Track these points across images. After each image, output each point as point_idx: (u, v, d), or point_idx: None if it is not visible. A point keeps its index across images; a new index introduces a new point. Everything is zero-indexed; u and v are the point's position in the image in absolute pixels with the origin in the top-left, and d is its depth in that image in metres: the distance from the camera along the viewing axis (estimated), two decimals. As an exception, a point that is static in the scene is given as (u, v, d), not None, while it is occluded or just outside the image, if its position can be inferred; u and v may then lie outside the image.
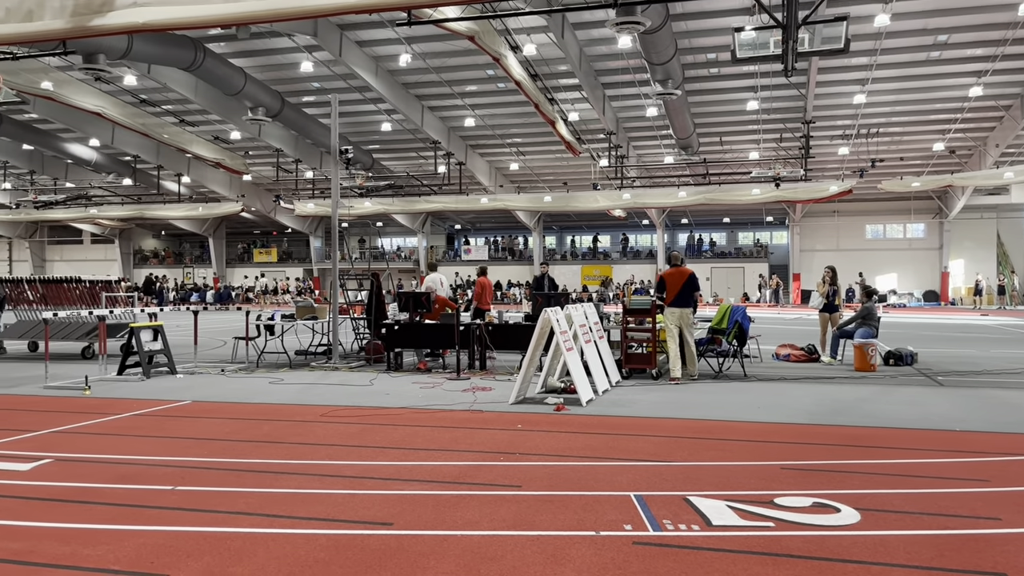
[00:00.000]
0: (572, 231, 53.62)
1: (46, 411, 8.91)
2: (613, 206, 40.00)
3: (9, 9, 9.37)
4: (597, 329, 10.91)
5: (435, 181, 38.74)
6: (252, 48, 26.29)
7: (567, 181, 40.62)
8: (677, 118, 29.59)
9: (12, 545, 4.39)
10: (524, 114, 31.42)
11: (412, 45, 25.28)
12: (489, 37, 21.50)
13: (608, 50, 25.96)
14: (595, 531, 4.61)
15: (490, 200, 40.61)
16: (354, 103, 30.63)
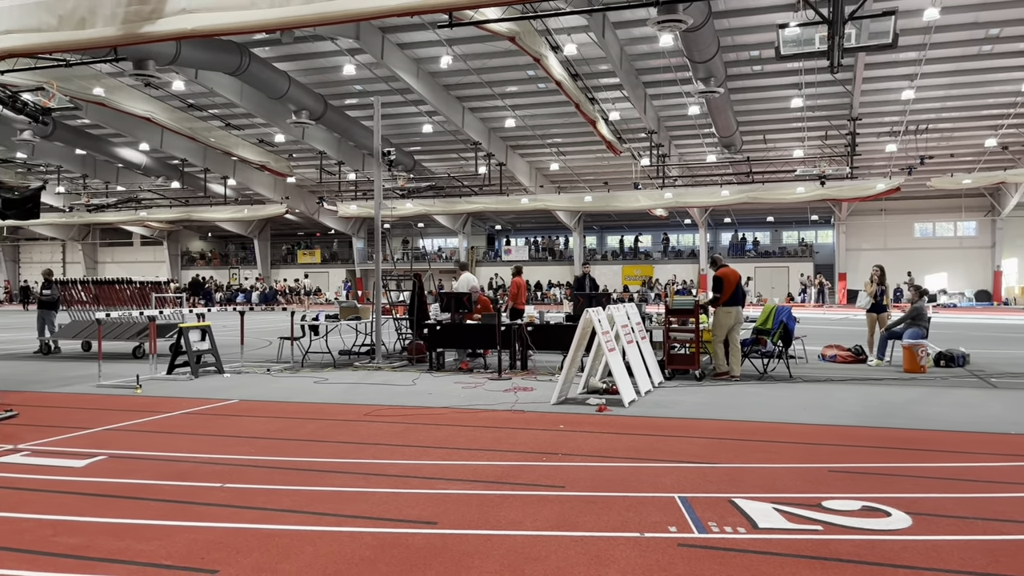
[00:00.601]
0: (613, 231, 53.38)
1: (99, 409, 9.14)
2: (655, 205, 39.73)
3: (62, 17, 9.62)
4: (639, 329, 10.85)
5: (476, 182, 38.87)
6: (296, 52, 26.63)
7: (608, 181, 40.44)
8: (720, 116, 29.28)
9: (69, 540, 4.52)
10: (565, 114, 31.35)
11: (453, 47, 25.39)
12: (530, 37, 21.51)
13: (649, 49, 25.79)
14: (639, 532, 4.59)
15: (530, 200, 40.62)
16: (396, 105, 30.87)
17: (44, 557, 4.25)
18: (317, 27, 17.92)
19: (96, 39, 9.63)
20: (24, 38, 9.70)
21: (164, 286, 16.31)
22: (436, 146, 37.25)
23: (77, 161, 40.35)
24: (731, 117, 30.06)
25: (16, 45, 9.75)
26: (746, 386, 10.71)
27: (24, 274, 57.18)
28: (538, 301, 44.03)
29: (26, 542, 4.48)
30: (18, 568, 4.10)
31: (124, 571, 4.05)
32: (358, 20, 9.61)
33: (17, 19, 9.64)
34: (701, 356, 11.43)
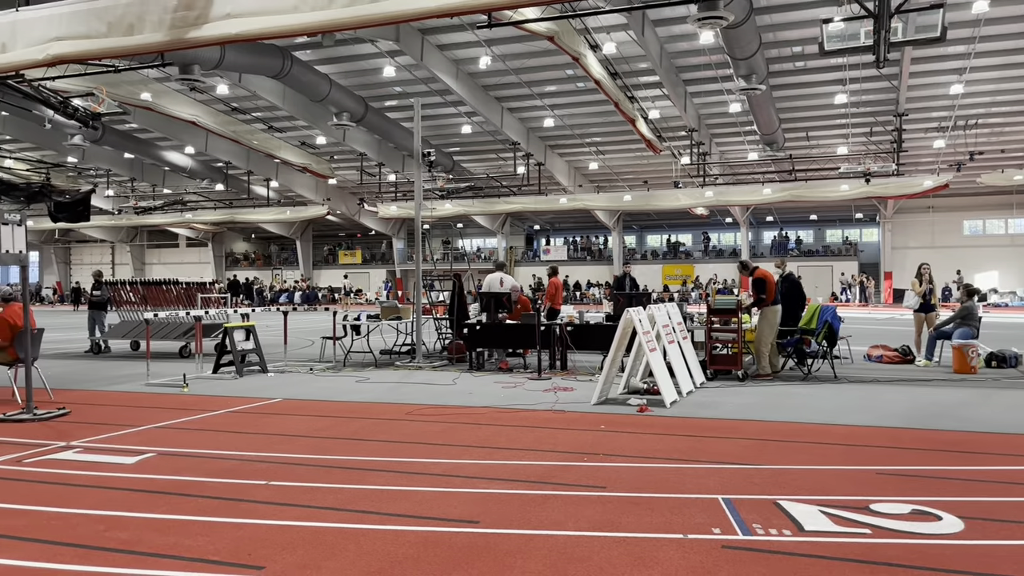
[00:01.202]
0: (653, 230, 53.03)
1: (148, 407, 9.34)
2: (695, 204, 39.37)
3: (111, 24, 9.85)
4: (680, 329, 10.76)
5: (514, 182, 38.89)
6: (336, 55, 26.91)
7: (647, 180, 40.16)
8: (761, 113, 28.90)
9: (120, 535, 4.62)
10: (604, 113, 31.21)
11: (492, 47, 25.43)
12: (568, 37, 21.47)
13: (689, 46, 25.56)
14: (682, 534, 4.55)
15: (569, 200, 40.53)
16: (435, 106, 31.01)
17: (96, 552, 4.35)
18: (358, 30, 18.08)
19: (144, 45, 9.85)
20: (75, 44, 9.96)
21: (210, 287, 16.60)
22: (475, 147, 37.36)
23: (125, 165, 41.25)
24: (773, 114, 29.65)
25: (67, 51, 10.01)
26: (790, 387, 10.56)
27: (75, 275, 58.66)
28: (577, 301, 43.92)
29: (79, 537, 4.59)
30: (71, 562, 4.20)
31: (173, 566, 4.13)
32: (399, 22, 9.69)
33: (68, 26, 9.90)
34: (743, 356, 11.30)
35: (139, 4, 9.68)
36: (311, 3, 9.03)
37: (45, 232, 53.16)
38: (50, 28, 9.95)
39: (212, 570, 4.08)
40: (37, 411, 8.54)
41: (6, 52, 10.29)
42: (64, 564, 4.17)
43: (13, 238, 8.46)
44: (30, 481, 5.90)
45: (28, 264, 9.08)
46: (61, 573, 4.06)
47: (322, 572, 4.05)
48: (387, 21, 9.00)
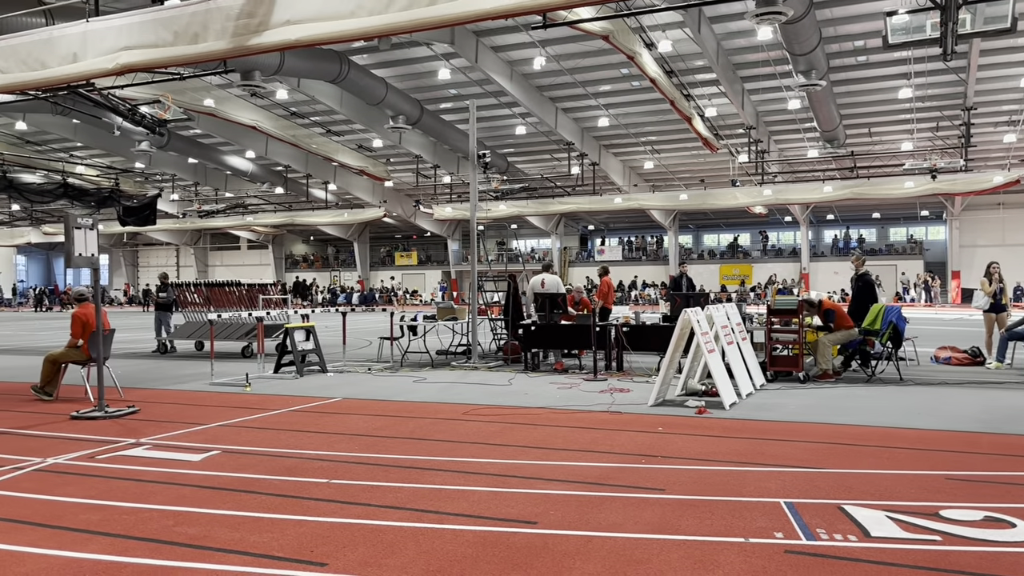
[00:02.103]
0: (709, 229, 52.37)
1: (212, 406, 9.58)
2: (753, 203, 38.76)
3: (177, 33, 10.13)
4: (739, 330, 10.59)
5: (568, 182, 38.83)
6: (392, 58, 27.24)
7: (704, 178, 39.69)
8: (821, 110, 28.30)
9: (189, 530, 4.75)
10: (659, 111, 30.97)
11: (546, 48, 25.44)
12: (623, 36, 21.35)
13: (747, 42, 25.17)
14: (744, 538, 4.48)
15: (624, 200, 40.29)
16: (489, 108, 31.16)
17: (166, 546, 4.48)
18: (414, 33, 18.28)
19: (208, 52, 10.10)
20: (143, 53, 10.27)
21: (272, 288, 16.95)
22: (529, 147, 37.41)
23: (189, 169, 42.43)
24: (834, 110, 29.01)
25: (135, 60, 10.33)
26: (853, 389, 10.31)
27: (142, 277, 60.52)
28: (632, 302, 43.62)
29: (150, 531, 4.74)
30: (143, 556, 4.33)
31: (240, 561, 4.23)
32: (455, 25, 9.75)
33: (136, 36, 10.21)
34: (804, 358, 11.07)
35: (203, 13, 9.93)
36: (368, 8, 9.15)
37: (114, 236, 54.95)
38: (119, 38, 10.27)
39: (277, 566, 4.17)
40: (108, 409, 8.84)
41: (77, 62, 10.66)
42: (136, 558, 4.30)
43: (86, 242, 8.77)
44: (103, 477, 6.10)
45: (100, 267, 9.40)
46: (134, 567, 4.19)
47: (383, 570, 4.10)
48: (443, 24, 9.06)
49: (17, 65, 10.71)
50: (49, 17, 14.81)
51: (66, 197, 29.83)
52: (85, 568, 4.16)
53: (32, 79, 10.89)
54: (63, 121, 32.13)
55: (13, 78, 10.89)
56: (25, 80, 10.93)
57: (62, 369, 10.25)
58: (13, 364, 14.81)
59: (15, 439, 7.64)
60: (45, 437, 7.70)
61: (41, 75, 10.78)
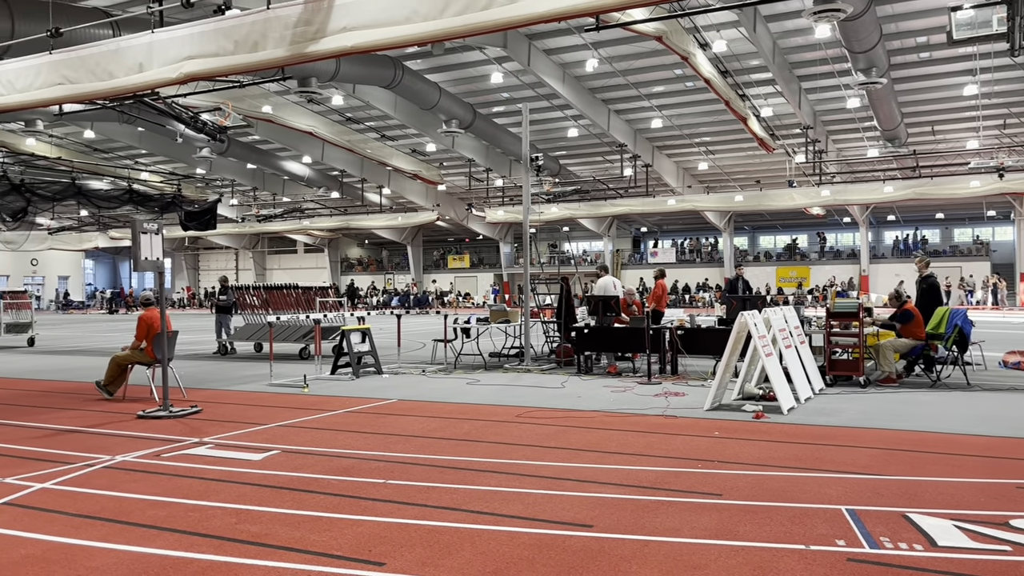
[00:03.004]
0: (765, 231, 51.53)
1: (272, 406, 9.77)
2: (811, 204, 38.04)
3: (238, 41, 10.36)
4: (798, 333, 10.40)
5: (621, 184, 38.62)
6: (446, 63, 27.45)
7: (760, 179, 39.09)
8: (882, 108, 27.62)
9: (251, 528, 4.86)
10: (713, 112, 30.61)
11: (599, 50, 25.36)
12: (677, 36, 21.17)
13: (804, 41, 24.71)
14: (804, 545, 4.40)
15: (677, 201, 39.90)
16: (541, 111, 31.18)
17: (229, 543, 4.59)
18: (467, 37, 18.41)
19: (267, 60, 10.31)
20: (205, 62, 10.53)
21: (329, 291, 17.24)
22: (581, 149, 37.33)
23: (248, 175, 43.39)
24: (895, 108, 28.30)
25: (198, 69, 10.59)
26: (916, 394, 10.03)
27: (203, 280, 62.03)
28: (687, 304, 43.17)
29: (214, 528, 4.86)
30: (208, 553, 4.45)
31: (300, 559, 4.31)
32: (509, 29, 9.79)
33: (198, 45, 10.48)
34: (865, 362, 10.82)
35: (263, 22, 10.14)
36: (423, 13, 9.23)
37: (176, 240, 56.45)
38: (183, 48, 10.55)
39: (336, 565, 4.24)
40: (172, 408, 9.09)
41: (143, 72, 10.98)
42: (200, 554, 4.42)
43: (151, 246, 9.03)
44: (168, 475, 6.28)
45: (164, 270, 9.67)
46: (199, 563, 4.30)
47: (440, 570, 4.13)
48: (497, 28, 9.09)
49: (87, 76, 11.08)
50: (116, 29, 15.31)
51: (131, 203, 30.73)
52: (152, 563, 4.29)
53: (101, 89, 11.25)
54: (129, 129, 33.20)
55: (83, 88, 11.26)
56: (94, 90, 11.30)
57: (128, 370, 10.58)
58: (81, 364, 15.33)
59: (86, 437, 7.91)
60: (113, 435, 7.96)
61: (109, 85, 11.13)
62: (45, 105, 12.53)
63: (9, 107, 11.81)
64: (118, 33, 14.28)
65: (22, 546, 4.58)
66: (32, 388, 11.95)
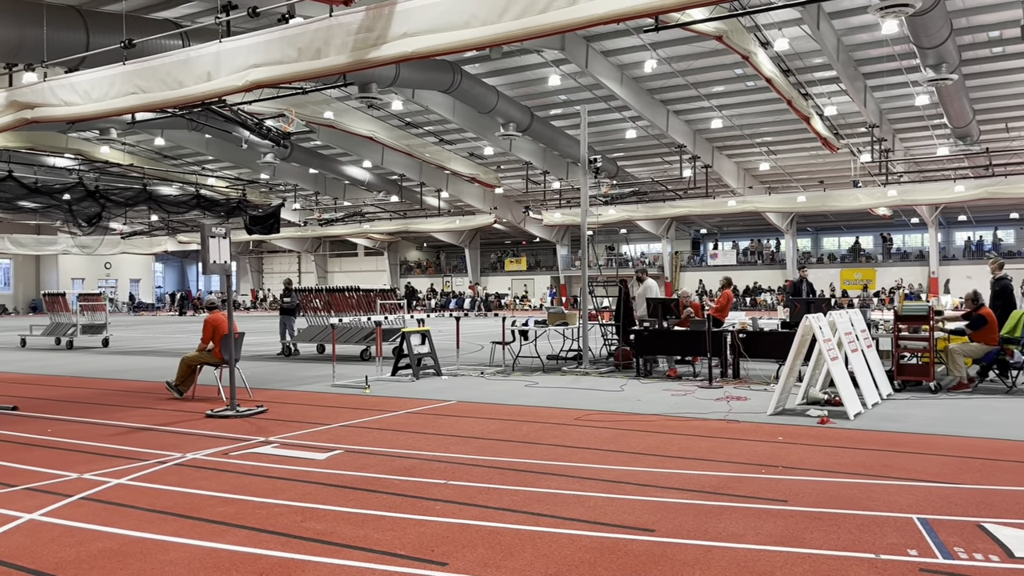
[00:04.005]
0: (829, 232, 50.36)
1: (334, 406, 9.95)
2: (877, 204, 37.01)
3: (301, 49, 10.58)
4: (864, 337, 10.15)
5: (680, 185, 38.19)
6: (503, 67, 27.55)
7: (823, 179, 38.22)
8: (952, 105, 26.73)
9: (316, 526, 4.96)
10: (775, 112, 30.05)
11: (657, 50, 25.14)
12: (738, 35, 20.86)
13: (870, 37, 24.08)
14: (874, 554, 4.29)
15: (738, 202, 39.27)
16: (599, 112, 31.04)
17: (296, 540, 4.69)
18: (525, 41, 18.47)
19: (329, 67, 10.50)
20: (270, 70, 10.78)
21: (390, 293, 17.46)
22: (639, 151, 37.05)
23: (310, 180, 44.22)
24: (966, 105, 27.37)
25: (263, 77, 10.85)
26: (990, 400, 9.69)
27: (266, 283, 63.43)
28: (748, 307, 42.46)
29: (280, 525, 4.97)
30: (274, 549, 4.55)
31: (364, 558, 4.38)
32: (567, 31, 9.78)
33: (263, 53, 10.73)
34: (935, 366, 10.49)
35: (325, 29, 10.34)
36: (482, 18, 9.30)
37: (241, 244, 57.85)
38: (249, 56, 10.82)
39: (399, 564, 4.29)
40: (239, 408, 9.32)
41: (211, 80, 11.29)
42: (268, 550, 4.53)
43: (219, 250, 9.29)
44: (236, 472, 6.45)
45: (232, 273, 9.93)
46: (267, 559, 4.40)
47: (502, 571, 4.15)
48: (556, 31, 9.10)
49: (158, 85, 11.45)
50: (185, 39, 15.77)
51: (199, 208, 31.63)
52: (222, 559, 4.41)
53: (171, 97, 11.61)
54: (196, 136, 34.14)
55: (154, 97, 11.64)
56: (165, 99, 11.67)
57: (197, 370, 10.89)
58: (153, 364, 15.83)
59: (158, 435, 8.17)
60: (184, 433, 8.20)
61: (178, 93, 11.48)
62: (119, 114, 12.96)
63: (85, 116, 12.27)
64: (187, 43, 14.71)
65: (100, 539, 4.76)
66: (107, 387, 12.39)
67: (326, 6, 10.42)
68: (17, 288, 55.65)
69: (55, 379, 13.71)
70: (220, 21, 11.40)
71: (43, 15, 14.48)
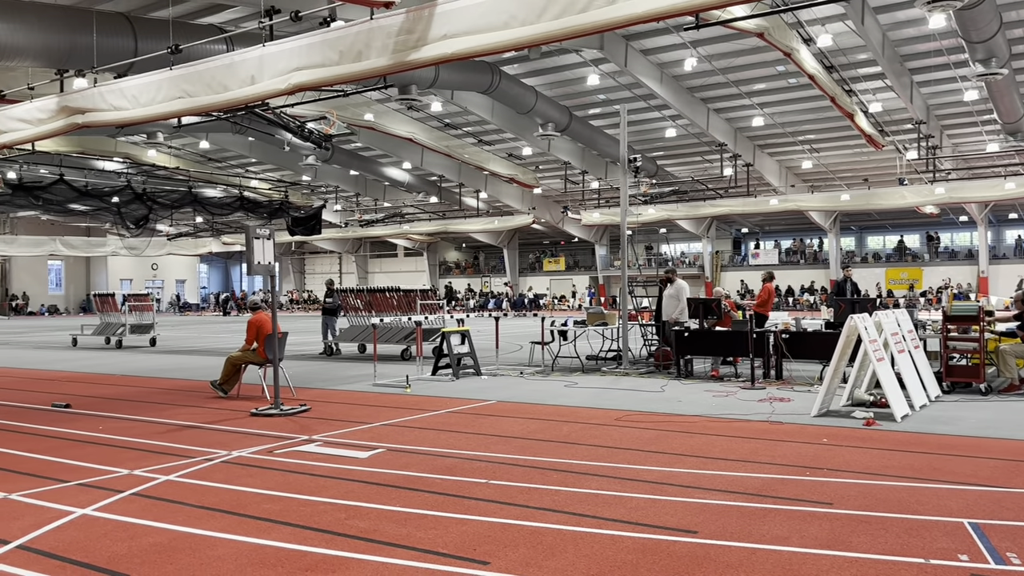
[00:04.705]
0: (874, 231, 49.44)
1: (376, 405, 10.04)
2: (924, 202, 36.26)
3: (343, 52, 10.70)
4: (911, 338, 9.95)
5: (721, 184, 37.83)
6: (542, 67, 27.55)
7: (868, 177, 37.55)
8: (1002, 100, 26.06)
9: (360, 524, 5.01)
10: (818, 109, 29.61)
11: (697, 48, 24.94)
12: (779, 32, 20.59)
13: (916, 32, 23.61)
14: (923, 559, 4.21)
15: (780, 201, 38.76)
16: (638, 111, 30.88)
17: (339, 537, 4.75)
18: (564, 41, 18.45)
19: (370, 69, 10.60)
20: (312, 73, 10.92)
21: (430, 293, 17.56)
22: (679, 150, 36.78)
23: (351, 181, 44.70)
24: (1017, 100, 26.66)
25: (306, 80, 10.99)
26: (1044, 403, 9.44)
27: (308, 284, 64.23)
28: (790, 307, 41.87)
29: (325, 523, 5.04)
30: (319, 546, 4.61)
31: (407, 556, 4.41)
32: (607, 30, 9.74)
33: (305, 57, 10.87)
34: (986, 367, 10.24)
35: (366, 32, 10.44)
36: (521, 18, 9.31)
37: (283, 245, 58.66)
38: (291, 60, 10.97)
39: (442, 562, 4.32)
40: (283, 407, 9.46)
41: (255, 84, 11.47)
42: (312, 547, 4.59)
43: (264, 251, 9.43)
44: (281, 470, 6.54)
45: (276, 274, 10.08)
46: (312, 556, 4.47)
47: (543, 571, 4.16)
48: (596, 30, 9.07)
49: (203, 89, 11.66)
50: (230, 44, 16.05)
51: (242, 209, 32.18)
52: (269, 555, 4.48)
53: (216, 101, 11.82)
54: (240, 139, 34.73)
55: (200, 101, 11.86)
56: (210, 102, 11.89)
57: (242, 369, 11.07)
58: (198, 364, 16.13)
59: (205, 433, 8.33)
60: (230, 431, 8.35)
61: (223, 97, 11.68)
62: (166, 118, 13.22)
63: (134, 120, 12.55)
64: (232, 48, 14.97)
65: (150, 534, 4.87)
66: (155, 386, 12.66)
67: (367, 9, 10.51)
68: (68, 289, 57.19)
69: (105, 377, 14.05)
70: (263, 26, 11.57)
71: (93, 22, 14.86)
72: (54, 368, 15.86)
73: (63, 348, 21.42)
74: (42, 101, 13.19)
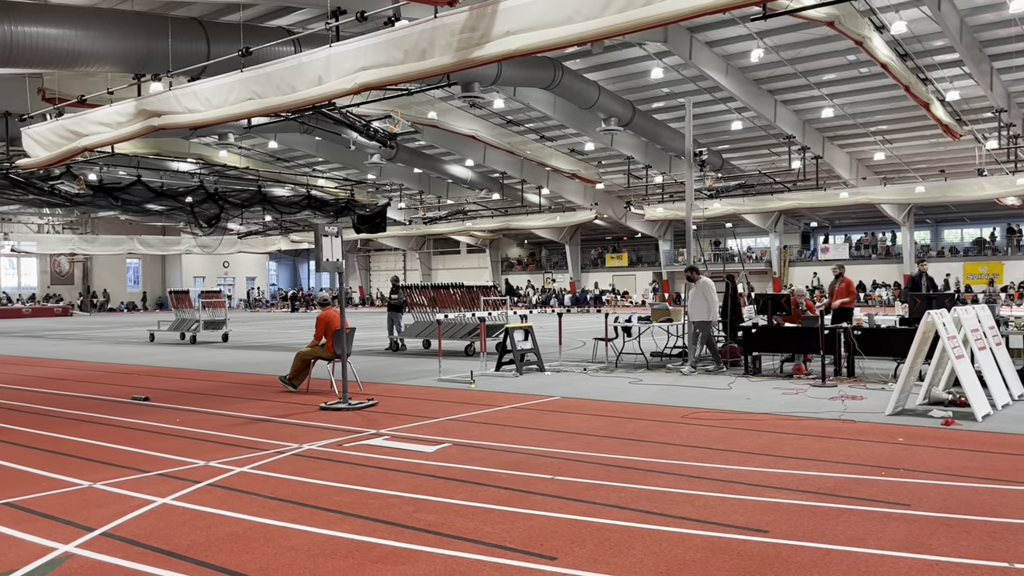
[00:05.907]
0: (950, 224, 47.71)
1: (441, 400, 10.14)
2: (1004, 194, 34.80)
3: (407, 51, 10.81)
4: (992, 334, 9.57)
5: (788, 177, 36.98)
6: (604, 61, 27.35)
7: (944, 168, 36.25)
8: (1091, 85, 24.86)
9: (428, 517, 5.07)
10: (891, 98, 28.68)
11: (764, 39, 24.42)
12: (851, 20, 20.01)
13: (997, 17, 22.65)
14: (1007, 563, 4.06)
15: (851, 194, 37.69)
16: (703, 104, 30.40)
17: (408, 531, 4.81)
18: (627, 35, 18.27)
19: (434, 68, 10.69)
20: (377, 73, 11.06)
21: (493, 290, 17.65)
22: (745, 143, 36.09)
23: (415, 179, 45.18)
24: (1107, 85, 25.40)
25: (371, 79, 11.15)
26: None
27: (373, 281, 65.21)
28: (862, 303, 40.72)
29: (393, 516, 5.11)
30: (389, 539, 4.68)
31: (475, 550, 4.45)
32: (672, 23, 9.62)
33: (370, 57, 11.02)
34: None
35: (430, 31, 10.53)
36: (585, 13, 9.25)
37: (349, 242, 59.68)
38: (357, 60, 11.14)
39: (509, 556, 4.34)
40: (351, 401, 9.63)
41: (322, 84, 11.69)
42: (382, 539, 4.66)
43: (332, 248, 9.61)
44: (350, 463, 6.66)
45: (344, 271, 10.26)
46: (382, 548, 4.53)
47: (611, 568, 4.14)
48: (661, 23, 8.96)
49: (272, 90, 11.93)
50: (297, 45, 16.38)
51: (310, 208, 32.85)
52: (340, 546, 4.57)
53: (284, 102, 12.08)
54: (307, 139, 35.44)
55: (269, 102, 12.14)
56: (279, 103, 12.15)
57: (311, 364, 11.30)
58: (269, 359, 16.53)
59: (276, 426, 8.54)
60: (300, 425, 8.54)
61: (291, 98, 11.93)
62: (237, 119, 13.57)
63: (206, 122, 12.92)
64: (299, 50, 15.27)
65: (226, 524, 5.01)
66: (228, 380, 13.03)
67: (431, 7, 10.59)
68: (145, 286, 59.32)
69: (181, 371, 14.52)
70: (330, 27, 11.76)
71: (168, 27, 15.33)
72: (133, 363, 16.46)
73: (141, 343, 22.23)
74: (121, 105, 13.69)
